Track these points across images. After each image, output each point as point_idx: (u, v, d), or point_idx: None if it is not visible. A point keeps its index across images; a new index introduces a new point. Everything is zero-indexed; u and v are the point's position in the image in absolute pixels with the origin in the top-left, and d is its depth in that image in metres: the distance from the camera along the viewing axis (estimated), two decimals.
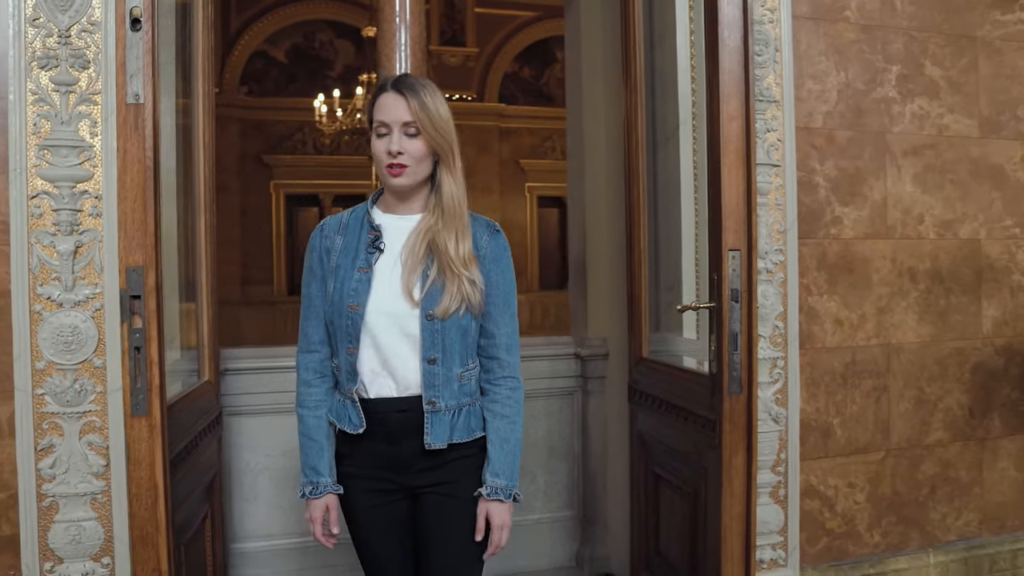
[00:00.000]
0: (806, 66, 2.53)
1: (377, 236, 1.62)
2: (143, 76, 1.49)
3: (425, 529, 1.65)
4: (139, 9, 1.50)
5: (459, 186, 1.60)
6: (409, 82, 1.57)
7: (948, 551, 2.76)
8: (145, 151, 1.49)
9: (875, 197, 2.64)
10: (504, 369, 1.67)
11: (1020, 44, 2.85)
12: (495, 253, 1.65)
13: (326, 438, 1.69)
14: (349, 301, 1.58)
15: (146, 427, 1.51)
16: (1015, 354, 2.87)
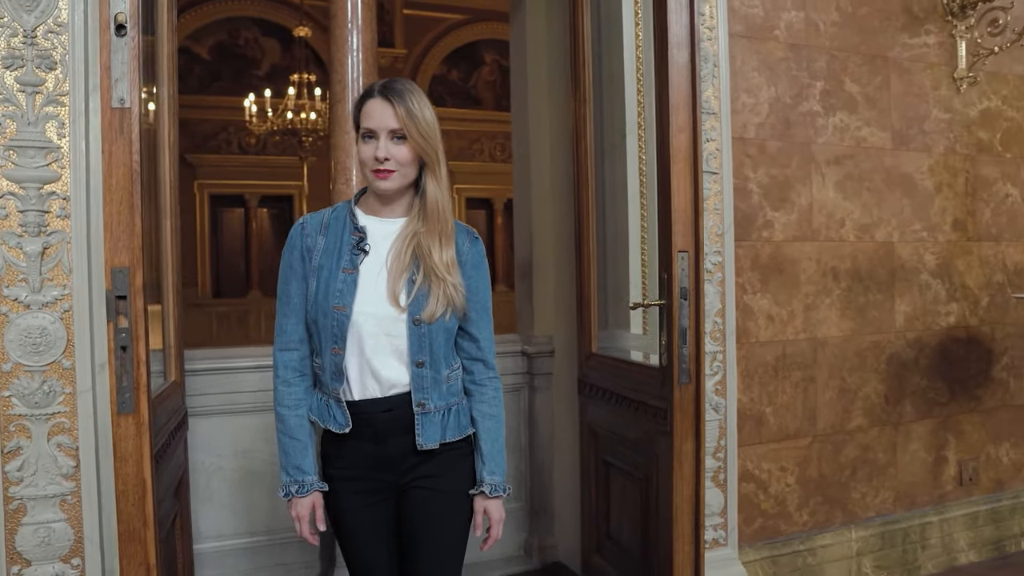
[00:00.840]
0: (740, 81, 2.73)
1: (362, 238, 1.61)
2: (129, 81, 1.52)
3: (412, 523, 1.66)
4: (124, 15, 1.52)
5: (443, 191, 1.60)
6: (396, 88, 1.55)
7: (867, 527, 3.00)
8: (132, 155, 1.52)
9: (802, 203, 2.86)
10: (489, 370, 1.71)
11: (925, 65, 3.13)
12: (475, 259, 1.67)
13: (308, 436, 1.67)
14: (335, 302, 1.57)
15: (133, 425, 1.54)
16: (924, 346, 3.15)
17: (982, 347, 3.32)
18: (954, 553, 3.20)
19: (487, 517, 1.68)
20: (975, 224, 3.28)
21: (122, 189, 1.52)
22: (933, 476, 3.19)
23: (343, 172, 2.99)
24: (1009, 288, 3.37)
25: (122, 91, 1.53)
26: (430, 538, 1.65)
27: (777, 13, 2.81)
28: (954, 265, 3.22)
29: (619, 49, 2.58)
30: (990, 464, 3.34)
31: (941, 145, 3.18)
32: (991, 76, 3.28)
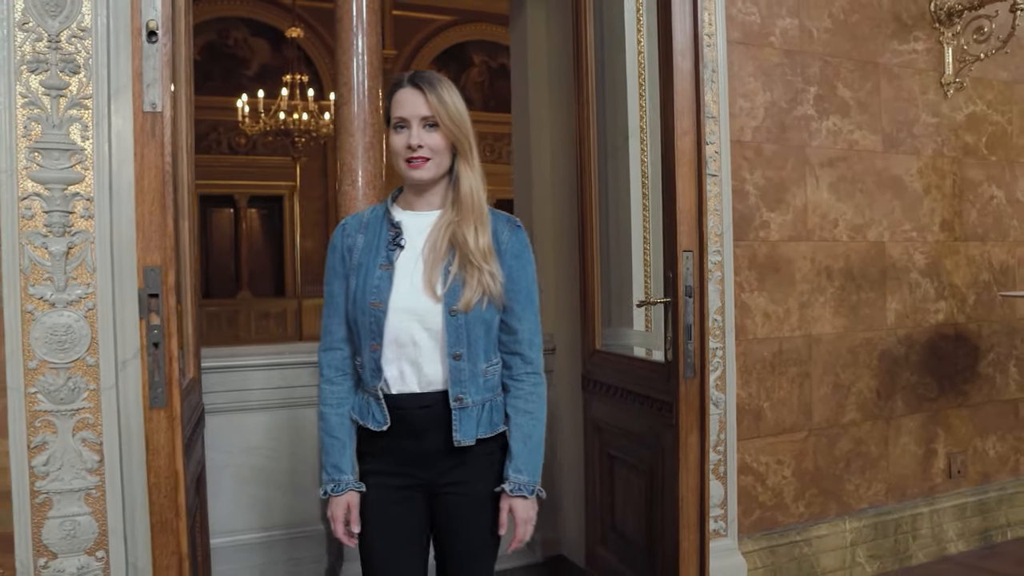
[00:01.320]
0: (738, 85, 2.81)
1: (397, 233, 1.61)
2: (161, 86, 1.57)
3: (444, 527, 1.65)
4: (155, 22, 1.57)
5: (477, 179, 1.59)
6: (426, 77, 1.56)
7: (861, 518, 3.10)
8: (164, 157, 1.57)
9: (797, 204, 2.95)
10: (527, 365, 1.66)
11: (914, 71, 3.23)
12: (516, 248, 1.63)
13: (348, 436, 1.66)
14: (371, 299, 1.57)
15: (165, 419, 1.59)
16: (914, 343, 3.25)
17: (969, 344, 3.42)
18: (944, 543, 3.30)
19: (511, 516, 1.63)
20: (962, 225, 3.38)
21: (154, 191, 1.57)
22: (923, 469, 3.29)
23: (349, 174, 3.05)
24: (995, 287, 3.47)
25: (154, 96, 1.58)
26: (460, 542, 1.65)
27: (773, 20, 2.89)
28: (942, 264, 3.32)
29: (621, 54, 2.65)
30: (977, 457, 3.44)
31: (929, 148, 3.28)
32: (977, 82, 3.39)
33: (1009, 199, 3.53)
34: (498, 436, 1.65)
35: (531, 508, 1.63)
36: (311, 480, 3.09)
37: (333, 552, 3.08)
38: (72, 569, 1.92)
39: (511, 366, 1.66)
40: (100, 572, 1.95)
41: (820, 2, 3.00)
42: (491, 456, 1.65)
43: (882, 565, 3.13)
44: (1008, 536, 3.48)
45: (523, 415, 1.64)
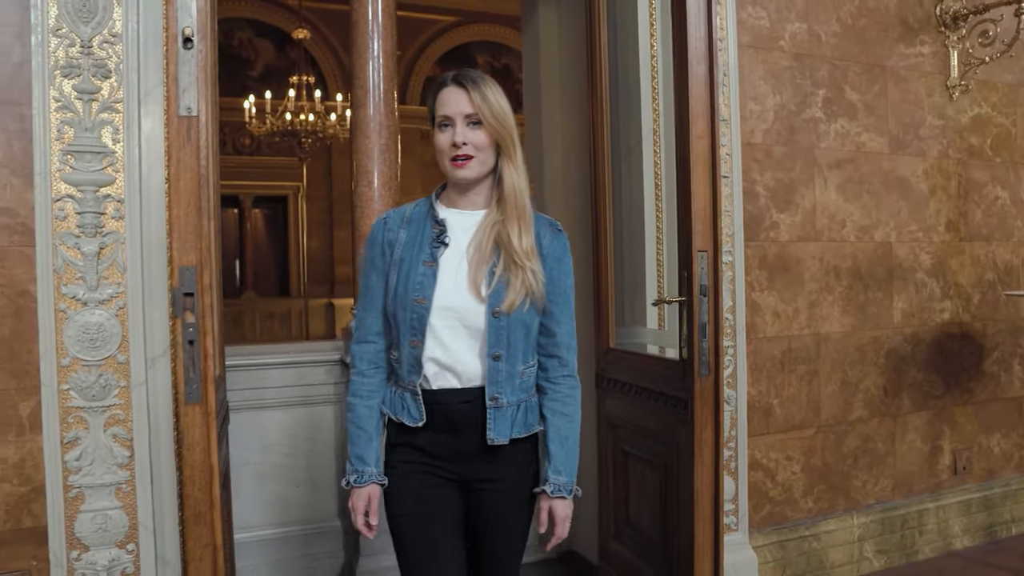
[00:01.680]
0: (748, 89, 2.86)
1: (442, 231, 1.61)
2: (196, 91, 1.62)
3: (476, 524, 1.66)
4: (191, 29, 1.62)
5: (521, 177, 1.60)
6: (470, 75, 1.57)
7: (868, 513, 3.14)
8: (199, 160, 1.62)
9: (806, 205, 2.99)
10: (564, 368, 1.67)
11: (920, 74, 3.28)
12: (557, 252, 1.64)
13: (375, 428, 1.66)
14: (414, 295, 1.57)
15: (200, 414, 1.63)
16: (920, 341, 3.30)
17: (974, 342, 3.47)
18: (949, 538, 3.35)
19: (551, 515, 1.64)
20: (967, 225, 3.43)
21: (189, 193, 1.62)
22: (929, 465, 3.34)
23: (365, 175, 3.10)
24: (1000, 286, 3.52)
25: (189, 100, 1.62)
26: (492, 539, 1.66)
27: (782, 25, 2.94)
28: (948, 264, 3.37)
29: (634, 58, 2.70)
30: (982, 454, 3.49)
31: (935, 150, 3.33)
32: (982, 84, 3.44)
33: (1014, 200, 3.58)
34: (532, 436, 1.66)
35: (569, 507, 1.66)
36: (327, 477, 3.14)
37: (350, 548, 3.13)
38: (104, 561, 1.98)
39: (548, 368, 1.67)
40: (131, 565, 2.01)
41: (828, 6, 3.05)
42: (526, 455, 1.66)
43: (889, 560, 3.18)
44: (1013, 532, 3.53)
45: (560, 417, 1.66)
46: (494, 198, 1.62)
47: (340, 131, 7.82)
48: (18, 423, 1.95)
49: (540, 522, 1.65)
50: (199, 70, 1.63)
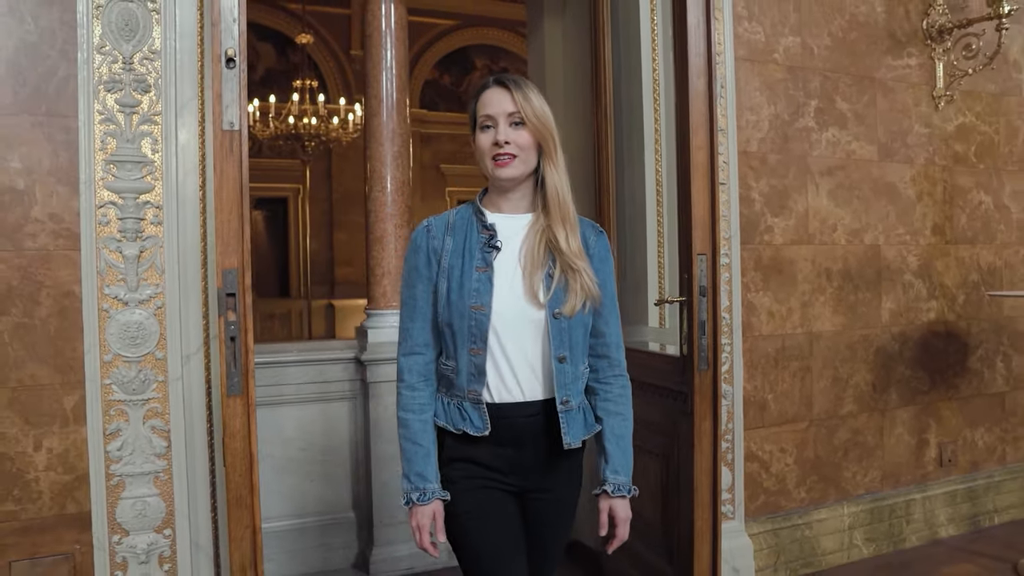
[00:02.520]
0: (744, 100, 3.01)
1: (492, 235, 1.59)
2: (238, 107, 1.76)
3: (530, 528, 1.64)
4: (233, 50, 1.76)
5: (563, 179, 1.59)
6: (512, 77, 1.58)
7: (858, 503, 3.30)
8: (241, 171, 1.76)
9: (799, 209, 3.15)
10: (615, 367, 1.67)
11: (907, 85, 3.43)
12: (602, 253, 1.65)
13: (431, 443, 1.61)
14: (471, 302, 1.54)
15: (241, 405, 1.77)
16: (907, 339, 3.45)
17: (959, 341, 3.63)
18: (935, 527, 3.50)
19: (612, 517, 1.64)
20: (952, 229, 3.59)
21: (232, 201, 1.76)
22: (916, 457, 3.49)
23: (379, 181, 3.24)
24: (983, 287, 3.68)
25: (232, 116, 1.76)
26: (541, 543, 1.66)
27: (776, 39, 3.09)
28: (934, 266, 3.53)
29: (637, 71, 2.84)
30: (967, 447, 3.65)
31: (922, 157, 3.48)
32: (966, 94, 3.59)
33: (996, 204, 3.74)
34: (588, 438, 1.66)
35: (629, 507, 1.65)
36: (342, 471, 3.28)
37: (363, 538, 3.27)
38: (143, 545, 2.11)
39: (598, 369, 1.67)
40: (167, 548, 2.14)
41: (820, 21, 3.20)
42: (575, 460, 1.66)
43: (878, 547, 3.33)
44: (995, 521, 3.69)
45: (615, 417, 1.65)
46: (539, 201, 1.61)
47: (343, 134, 7.95)
48: (62, 415, 2.08)
49: (601, 524, 1.64)
50: (241, 87, 1.77)
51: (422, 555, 3.18)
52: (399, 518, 3.22)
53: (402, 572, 3.19)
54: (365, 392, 3.25)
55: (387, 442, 3.21)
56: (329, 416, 3.25)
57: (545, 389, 1.59)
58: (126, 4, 2.08)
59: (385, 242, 3.26)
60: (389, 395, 3.21)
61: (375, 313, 3.37)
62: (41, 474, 2.06)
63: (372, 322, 3.35)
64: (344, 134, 8.01)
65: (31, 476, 2.06)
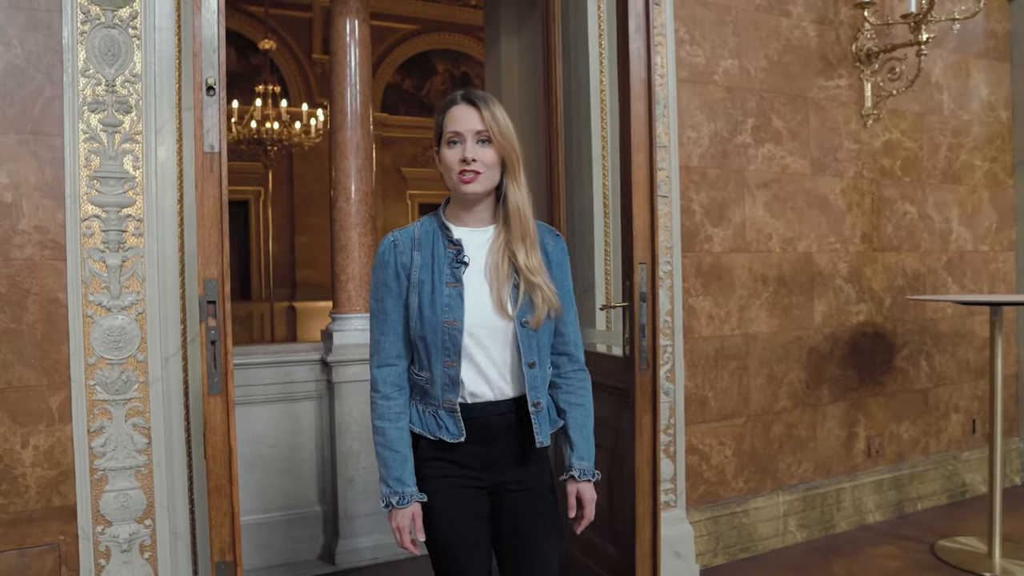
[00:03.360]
0: (686, 118, 3.24)
1: (459, 250, 1.64)
2: (218, 131, 1.92)
3: (508, 524, 1.71)
4: (213, 79, 1.93)
5: (523, 195, 1.65)
6: (480, 95, 1.62)
7: (792, 492, 3.56)
8: (221, 189, 1.92)
9: (737, 220, 3.40)
10: (575, 363, 1.77)
11: (838, 104, 3.71)
12: (560, 258, 1.74)
13: (408, 448, 1.69)
14: (445, 317, 1.60)
15: (221, 403, 1.94)
16: (838, 340, 3.73)
17: (886, 341, 3.92)
18: (863, 514, 3.79)
19: (579, 499, 1.74)
20: (879, 237, 3.88)
21: (212, 216, 1.93)
22: (846, 449, 3.77)
23: (343, 192, 3.41)
24: (908, 291, 3.98)
25: (212, 139, 1.93)
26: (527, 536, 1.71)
27: (716, 61, 3.34)
28: (862, 272, 3.81)
29: (586, 92, 3.06)
30: (893, 439, 3.95)
31: (851, 171, 3.77)
32: (892, 113, 3.89)
33: (921, 215, 4.05)
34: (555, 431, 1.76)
35: (593, 490, 1.75)
36: (308, 467, 3.44)
37: (328, 531, 3.44)
38: (125, 535, 2.26)
39: (559, 365, 1.77)
40: (148, 538, 2.29)
41: (757, 45, 3.46)
42: (543, 452, 1.74)
43: (810, 533, 3.60)
44: (919, 508, 3.99)
45: (577, 408, 1.76)
46: (500, 215, 1.67)
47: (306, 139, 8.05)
48: (48, 415, 2.22)
49: (570, 507, 1.74)
50: (220, 113, 1.94)
51: (385, 546, 3.37)
52: (363, 511, 3.40)
53: (366, 563, 3.37)
54: (331, 392, 3.42)
55: (351, 439, 3.39)
56: (296, 415, 3.41)
57: (514, 388, 1.67)
58: (108, 31, 2.23)
59: (349, 249, 3.43)
60: (353, 394, 3.39)
61: (340, 317, 3.54)
62: (28, 470, 2.20)
63: (337, 325, 3.52)
64: (307, 139, 8.12)
65: (18, 472, 2.20)
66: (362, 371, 3.38)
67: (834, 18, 3.71)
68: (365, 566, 3.36)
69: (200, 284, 1.93)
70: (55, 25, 2.21)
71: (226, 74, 2.04)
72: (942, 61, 4.13)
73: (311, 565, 3.36)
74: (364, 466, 3.40)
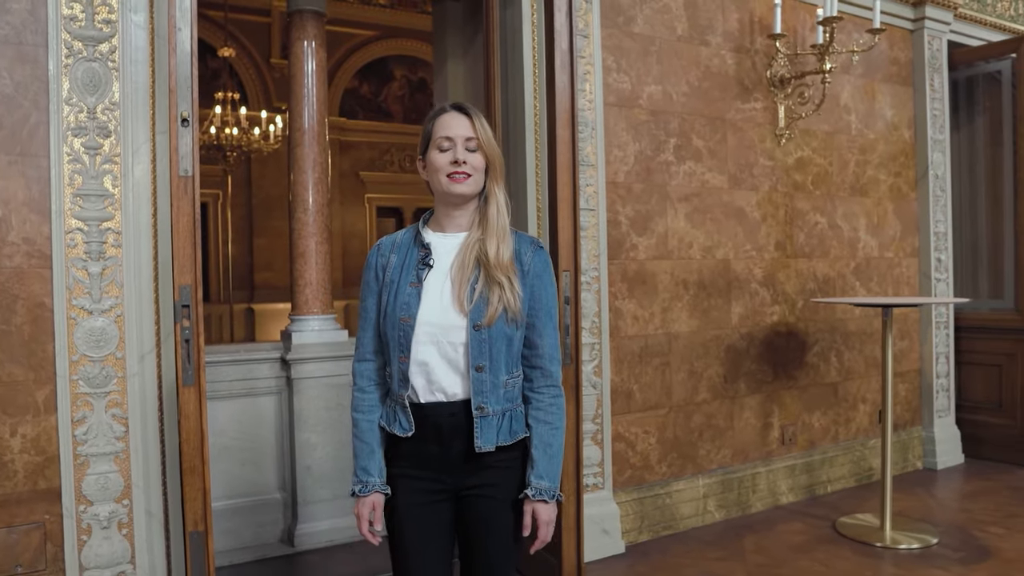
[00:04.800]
0: (613, 138, 3.61)
1: (427, 253, 1.72)
2: (191, 158, 2.21)
3: (469, 529, 1.75)
4: (187, 112, 2.22)
5: (503, 201, 1.72)
6: (468, 105, 1.74)
7: (711, 476, 3.95)
8: (193, 207, 2.21)
9: (660, 230, 3.77)
10: (547, 379, 1.77)
11: (754, 124, 4.12)
12: (539, 268, 1.75)
13: (377, 441, 1.76)
14: (401, 314, 1.68)
15: (194, 393, 2.22)
16: (754, 339, 4.13)
17: (798, 339, 4.34)
18: (777, 496, 4.20)
19: (534, 519, 1.73)
20: (792, 245, 4.29)
21: (186, 231, 2.22)
22: (762, 438, 4.18)
23: (302, 203, 3.70)
24: (819, 294, 4.40)
25: (187, 164, 2.22)
26: (484, 543, 1.74)
27: (641, 87, 3.71)
28: (776, 277, 4.22)
29: (521, 115, 3.39)
30: (805, 428, 4.37)
31: (766, 185, 4.17)
32: (804, 133, 4.31)
33: (831, 224, 4.48)
34: (519, 443, 1.75)
35: (552, 511, 1.75)
36: (269, 457, 3.73)
37: (288, 516, 3.73)
38: (105, 513, 2.53)
39: (532, 379, 1.77)
40: (125, 516, 2.57)
41: (679, 72, 3.84)
42: (513, 462, 1.75)
43: (728, 513, 3.99)
44: (828, 490, 4.42)
45: (543, 425, 1.75)
46: (476, 218, 1.74)
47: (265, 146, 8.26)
48: (35, 407, 2.49)
49: (524, 525, 1.73)
50: (193, 142, 2.24)
51: (340, 529, 3.67)
52: (320, 497, 3.70)
53: (323, 544, 3.66)
54: (290, 387, 3.70)
55: (309, 431, 3.68)
56: (258, 409, 3.69)
57: (465, 391, 1.70)
58: (90, 64, 2.51)
59: (307, 256, 3.73)
60: (311, 390, 3.69)
61: (298, 319, 3.83)
62: (16, 456, 2.46)
63: (296, 326, 3.81)
64: (266, 145, 8.33)
65: (7, 458, 2.45)
66: (319, 368, 3.68)
67: (750, 47, 4.11)
68: (322, 547, 3.65)
69: (176, 290, 2.22)
70: (41, 58, 2.48)
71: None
72: (851, 85, 4.57)
73: (273, 547, 3.64)
74: (321, 456, 3.70)
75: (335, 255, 10.62)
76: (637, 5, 3.70)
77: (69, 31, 2.48)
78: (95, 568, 2.52)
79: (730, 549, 3.59)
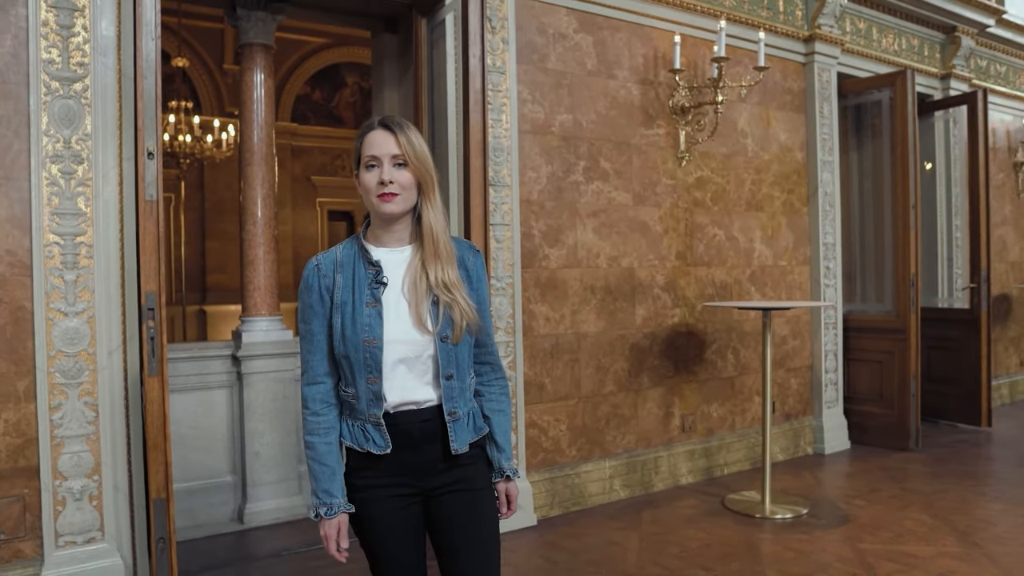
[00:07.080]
0: (528, 161, 4.12)
1: (378, 271, 1.71)
2: (156, 186, 2.65)
3: (451, 524, 1.77)
4: (152, 147, 2.65)
5: (438, 215, 1.72)
6: (396, 121, 1.70)
7: (617, 459, 4.49)
8: (158, 227, 2.64)
9: (570, 242, 4.30)
10: (496, 371, 1.87)
11: (657, 148, 4.67)
12: (479, 272, 1.81)
13: (337, 463, 1.76)
14: (365, 335, 1.67)
15: (158, 382, 2.66)
16: (656, 338, 4.68)
17: (698, 338, 4.91)
18: (677, 477, 4.76)
19: (508, 496, 1.89)
20: (692, 255, 4.86)
21: (151, 246, 2.66)
22: (664, 426, 4.73)
23: (251, 216, 4.14)
24: (717, 298, 4.98)
25: (151, 191, 2.66)
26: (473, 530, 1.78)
27: (554, 116, 4.23)
28: (678, 283, 4.78)
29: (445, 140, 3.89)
30: (703, 417, 4.94)
31: (668, 202, 4.73)
32: (702, 155, 4.88)
33: (728, 236, 5.06)
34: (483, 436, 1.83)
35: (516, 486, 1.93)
36: (221, 444, 4.14)
37: (238, 497, 4.15)
38: (77, 487, 2.95)
39: (483, 374, 1.86)
40: (95, 489, 2.98)
41: (588, 102, 4.37)
42: (479, 454, 1.83)
43: (632, 491, 4.53)
44: (725, 472, 5.00)
45: (500, 415, 1.86)
46: (415, 234, 1.75)
47: (217, 153, 8.58)
48: (16, 396, 2.89)
49: (500, 503, 1.88)
50: (157, 172, 2.68)
51: (287, 508, 4.12)
52: (267, 480, 4.13)
53: (270, 522, 4.10)
54: (240, 381, 4.13)
55: (258, 420, 4.11)
56: (211, 401, 4.11)
57: (435, 397, 1.74)
58: (66, 101, 2.92)
59: (256, 264, 4.16)
60: (259, 383, 4.12)
61: (248, 320, 4.26)
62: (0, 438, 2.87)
63: (246, 327, 4.24)
64: (218, 152, 8.65)
65: None
66: (266, 364, 4.11)
67: (654, 79, 4.66)
68: (269, 524, 4.09)
69: (143, 296, 2.66)
70: (23, 95, 2.89)
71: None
72: (748, 112, 5.16)
73: (225, 524, 4.06)
74: (268, 442, 4.13)
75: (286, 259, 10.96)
76: (551, 44, 4.22)
77: (47, 72, 2.90)
78: (68, 535, 2.93)
79: (630, 521, 4.12)
